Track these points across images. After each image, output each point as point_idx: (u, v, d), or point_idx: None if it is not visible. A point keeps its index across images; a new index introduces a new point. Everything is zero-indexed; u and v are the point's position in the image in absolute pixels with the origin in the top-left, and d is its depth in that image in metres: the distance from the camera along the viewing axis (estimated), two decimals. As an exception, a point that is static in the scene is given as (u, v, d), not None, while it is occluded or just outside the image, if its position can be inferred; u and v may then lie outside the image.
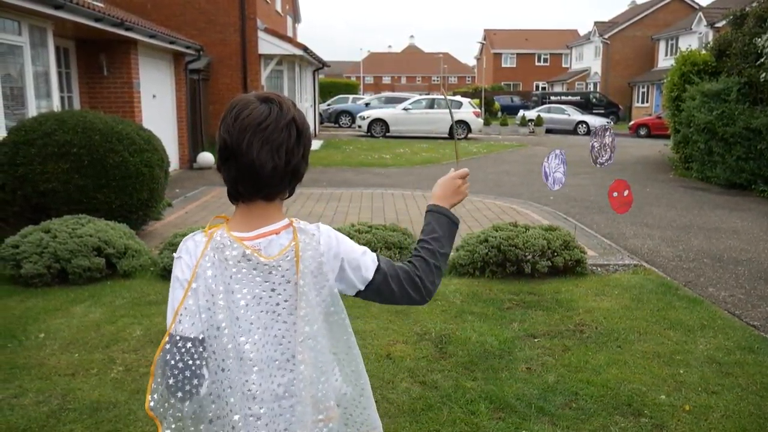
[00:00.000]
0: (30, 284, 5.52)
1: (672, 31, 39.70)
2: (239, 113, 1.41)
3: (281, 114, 1.42)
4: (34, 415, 3.37)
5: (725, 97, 13.05)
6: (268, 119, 1.41)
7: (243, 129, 1.40)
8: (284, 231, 1.47)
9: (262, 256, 1.42)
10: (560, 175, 5.86)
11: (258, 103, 1.43)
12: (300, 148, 1.45)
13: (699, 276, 6.50)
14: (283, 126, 1.41)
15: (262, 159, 1.39)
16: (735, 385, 3.85)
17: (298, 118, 1.45)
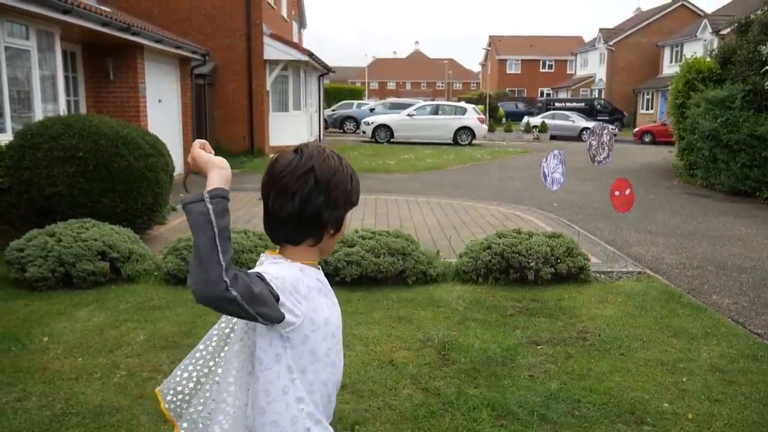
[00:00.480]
0: (34, 288, 5.54)
1: (677, 38, 39.69)
2: (272, 164, 1.52)
3: (300, 162, 1.48)
4: (37, 419, 3.38)
5: (730, 104, 13.05)
6: (287, 169, 1.48)
7: (267, 180, 1.51)
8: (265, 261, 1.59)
9: None
10: (559, 176, 5.86)
11: (288, 153, 1.51)
12: (318, 196, 1.47)
13: (703, 283, 6.48)
14: (300, 174, 1.47)
15: (276, 206, 1.48)
16: (738, 394, 3.83)
17: (319, 167, 1.48)
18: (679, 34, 40.08)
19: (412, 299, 5.49)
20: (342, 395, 3.70)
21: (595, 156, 6.01)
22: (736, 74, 13.52)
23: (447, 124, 25.41)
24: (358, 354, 4.30)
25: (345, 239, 6.03)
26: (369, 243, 5.93)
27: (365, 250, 5.84)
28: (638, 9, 53.76)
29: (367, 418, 3.46)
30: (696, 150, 14.28)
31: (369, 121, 26.34)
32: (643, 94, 42.22)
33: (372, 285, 5.76)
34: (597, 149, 5.70)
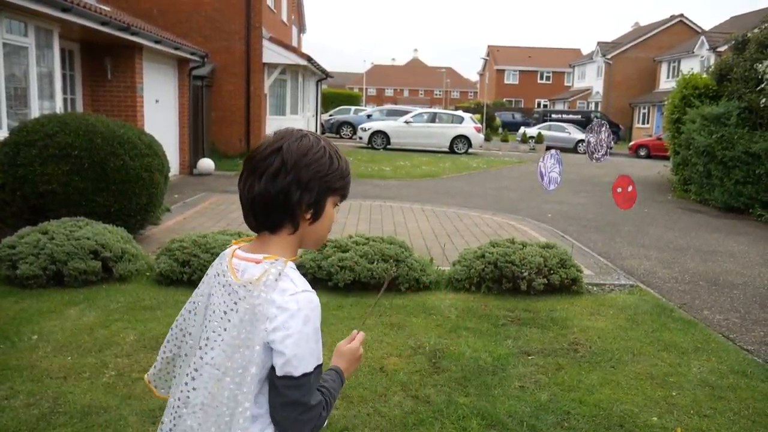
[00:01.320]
0: (25, 285, 5.51)
1: (674, 54, 39.95)
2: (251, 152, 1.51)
3: (270, 142, 1.46)
4: (24, 418, 3.36)
5: (725, 121, 13.13)
6: (258, 149, 1.47)
7: (244, 165, 1.50)
8: (263, 264, 1.44)
9: (235, 276, 1.45)
10: (556, 175, 5.87)
11: (266, 139, 1.50)
12: (286, 175, 1.41)
13: (694, 298, 6.50)
14: (267, 153, 1.44)
15: (245, 188, 1.46)
16: (727, 409, 3.84)
17: (287, 147, 1.42)
18: (677, 50, 40.34)
19: (404, 306, 5.49)
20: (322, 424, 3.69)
21: (594, 153, 6.02)
22: (732, 91, 13.60)
23: (444, 132, 25.47)
24: (349, 360, 4.29)
25: (339, 244, 6.03)
26: (363, 249, 5.92)
27: (359, 255, 5.83)
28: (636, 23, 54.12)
29: (356, 425, 3.45)
30: (691, 165, 14.35)
31: (366, 127, 26.36)
32: (640, 108, 42.44)
33: (365, 291, 5.75)
34: (595, 146, 5.72)
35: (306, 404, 1.39)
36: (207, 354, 1.45)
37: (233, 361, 1.39)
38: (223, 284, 1.46)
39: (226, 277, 1.46)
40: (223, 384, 1.40)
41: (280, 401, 1.38)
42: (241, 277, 1.45)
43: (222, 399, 1.40)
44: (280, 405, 1.39)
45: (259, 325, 1.37)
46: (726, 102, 13.56)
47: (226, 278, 1.46)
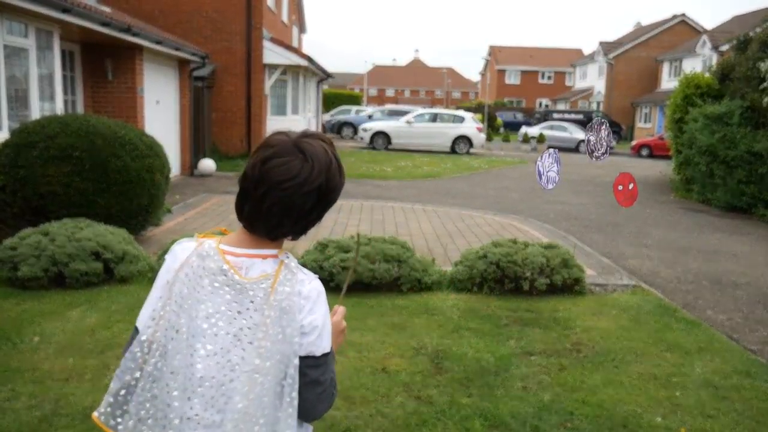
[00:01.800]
0: (26, 287, 5.50)
1: (676, 53, 39.89)
2: (269, 159, 1.38)
3: (309, 179, 1.38)
4: (26, 420, 3.35)
5: (727, 120, 13.10)
6: (293, 181, 1.37)
7: (262, 179, 1.38)
8: (271, 259, 1.44)
9: (239, 275, 1.41)
10: (554, 174, 5.84)
11: (293, 156, 1.37)
12: (316, 210, 1.43)
13: (697, 298, 6.48)
14: (305, 192, 1.38)
15: (271, 213, 1.39)
16: (731, 410, 3.82)
17: (325, 184, 1.40)
18: (679, 50, 40.28)
19: (406, 307, 5.47)
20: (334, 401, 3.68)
21: (593, 151, 5.99)
22: (735, 90, 13.58)
23: (445, 132, 25.44)
24: (351, 360, 4.28)
25: (340, 245, 6.01)
26: (365, 249, 5.91)
27: (361, 256, 5.82)
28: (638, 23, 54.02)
29: (358, 425, 3.44)
30: (693, 165, 14.32)
31: (367, 127, 26.34)
32: (642, 107, 42.38)
33: (366, 291, 5.74)
34: (595, 144, 5.70)
35: (324, 383, 1.46)
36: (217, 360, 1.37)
37: (270, 359, 1.37)
38: (226, 284, 1.39)
39: (228, 276, 1.40)
40: (262, 383, 1.36)
41: (301, 383, 1.42)
42: (246, 274, 1.41)
43: (263, 398, 1.36)
44: (302, 387, 1.42)
45: (292, 318, 1.39)
46: (728, 101, 13.53)
47: (228, 277, 1.39)
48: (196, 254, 1.42)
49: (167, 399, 1.36)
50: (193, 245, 1.45)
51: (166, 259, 1.48)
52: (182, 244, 1.48)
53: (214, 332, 1.38)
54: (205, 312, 1.39)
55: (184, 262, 1.42)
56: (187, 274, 1.40)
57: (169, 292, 1.40)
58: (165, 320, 1.38)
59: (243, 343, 1.38)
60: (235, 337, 1.38)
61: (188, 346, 1.37)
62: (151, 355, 1.38)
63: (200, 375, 1.37)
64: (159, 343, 1.38)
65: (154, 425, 1.37)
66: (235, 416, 1.35)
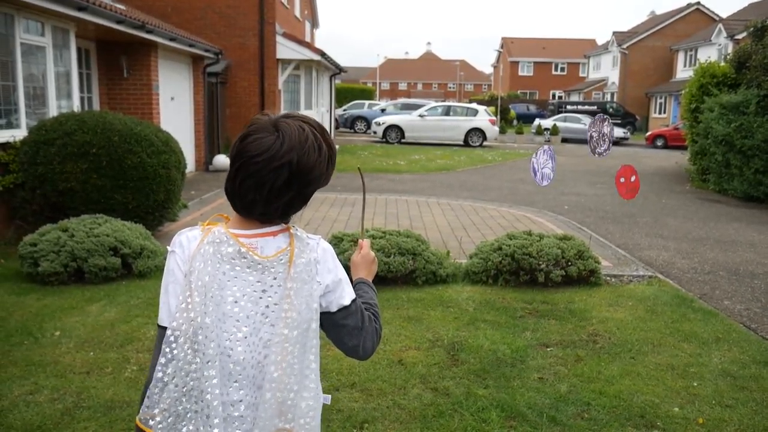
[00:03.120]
0: (47, 282, 5.58)
1: (691, 42, 39.45)
2: (246, 137, 1.42)
3: (279, 152, 1.38)
4: (48, 413, 3.41)
5: (744, 109, 12.96)
6: (262, 155, 1.38)
7: (238, 155, 1.42)
8: (281, 234, 1.49)
9: (257, 254, 1.44)
10: (549, 171, 5.83)
11: (267, 133, 1.40)
12: (290, 190, 1.42)
13: (714, 289, 6.44)
14: (275, 167, 1.38)
15: (243, 190, 1.42)
16: (750, 399, 3.81)
17: (298, 161, 1.39)
18: (694, 38, 39.84)
19: (421, 299, 5.49)
20: (351, 393, 3.72)
21: (596, 148, 5.96)
22: (751, 79, 13.42)
23: (458, 125, 25.38)
24: (368, 353, 4.30)
25: (355, 238, 6.04)
26: (379, 242, 5.93)
27: (375, 249, 5.84)
28: (652, 12, 53.48)
29: (375, 417, 3.46)
30: (709, 155, 14.19)
31: (380, 121, 26.34)
32: (656, 97, 42.00)
33: (382, 284, 5.76)
34: (598, 141, 5.67)
35: (363, 326, 1.56)
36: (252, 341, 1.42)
37: (297, 327, 1.43)
38: (247, 265, 1.43)
39: (248, 258, 1.43)
40: (291, 351, 1.43)
41: (343, 333, 1.55)
42: (262, 253, 1.45)
43: (294, 365, 1.43)
44: (345, 336, 1.55)
45: (311, 286, 1.46)
46: (745, 90, 13.38)
47: (248, 259, 1.43)
48: (207, 242, 1.43)
49: (207, 387, 1.37)
50: (200, 234, 1.47)
51: (173, 251, 1.48)
52: (186, 234, 1.50)
53: (245, 315, 1.43)
54: (232, 296, 1.42)
55: (195, 252, 1.43)
56: (203, 263, 1.41)
57: (188, 283, 1.41)
58: (189, 311, 1.39)
59: (272, 318, 1.44)
60: (263, 315, 1.43)
61: (221, 332, 1.41)
62: (179, 350, 1.39)
63: (241, 357, 1.42)
64: (186, 336, 1.38)
65: (194, 418, 1.38)
66: (272, 385, 1.41)
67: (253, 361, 1.43)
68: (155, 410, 1.42)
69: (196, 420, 1.39)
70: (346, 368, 4.03)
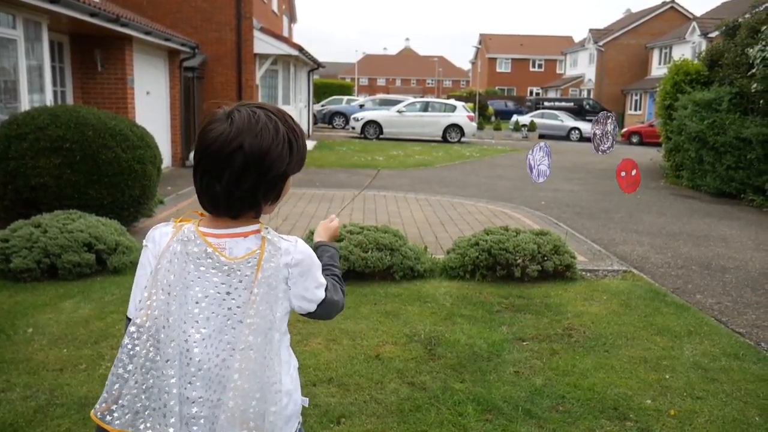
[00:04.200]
0: (19, 279, 5.50)
1: (666, 40, 39.95)
2: (201, 130, 1.41)
3: (228, 137, 1.36)
4: (21, 410, 3.36)
5: (717, 106, 13.16)
6: (214, 145, 1.37)
7: (197, 149, 1.41)
8: (253, 236, 1.46)
9: (225, 255, 1.42)
10: (545, 168, 5.88)
11: (221, 122, 1.39)
12: (249, 176, 1.37)
13: (687, 283, 6.55)
14: (227, 153, 1.36)
15: (204, 184, 1.41)
16: (720, 391, 3.88)
17: (249, 145, 1.35)
18: (668, 36, 40.34)
19: (399, 294, 5.51)
20: (328, 389, 3.72)
21: (599, 145, 6.01)
22: (724, 77, 13.64)
23: (436, 121, 25.45)
24: (345, 348, 4.31)
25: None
26: (357, 238, 5.93)
27: (353, 244, 5.84)
28: (628, 10, 54.06)
29: (353, 412, 3.47)
30: (683, 151, 14.40)
31: (358, 117, 26.32)
32: (632, 94, 42.48)
33: (359, 280, 5.77)
34: (601, 138, 5.71)
35: (334, 300, 1.63)
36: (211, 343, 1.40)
37: (261, 334, 1.41)
38: (212, 266, 1.41)
39: (214, 258, 1.41)
40: (255, 358, 1.40)
41: (316, 316, 1.61)
42: (231, 254, 1.43)
43: (256, 372, 1.40)
44: (319, 315, 1.61)
45: (278, 289, 1.44)
46: (717, 88, 13.60)
47: (213, 260, 1.41)
48: (176, 240, 1.42)
49: (165, 387, 1.36)
50: (171, 230, 1.45)
51: (146, 245, 1.48)
52: (160, 229, 1.49)
53: (205, 316, 1.40)
54: (195, 297, 1.41)
55: (164, 249, 1.42)
56: (170, 260, 1.40)
57: (154, 280, 1.40)
58: (154, 309, 1.38)
59: (233, 322, 1.41)
60: (226, 317, 1.41)
61: (181, 332, 1.39)
62: (141, 346, 1.38)
63: (198, 359, 1.40)
64: (149, 333, 1.38)
65: (152, 416, 1.37)
66: (235, 393, 1.38)
67: (212, 363, 1.40)
68: (113, 405, 1.39)
69: (153, 418, 1.37)
70: (323, 364, 4.03)
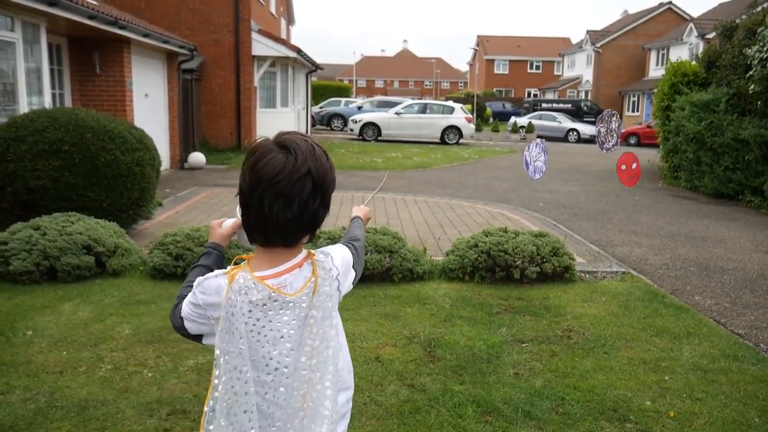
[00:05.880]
0: (18, 281, 5.49)
1: (663, 42, 40.03)
2: (255, 163, 1.42)
3: (296, 165, 1.41)
4: (21, 413, 3.36)
5: (714, 107, 13.19)
6: (282, 173, 1.40)
7: (256, 182, 1.41)
8: (306, 263, 1.52)
9: (286, 294, 1.47)
10: (541, 164, 5.89)
11: (275, 152, 1.42)
12: (316, 198, 1.44)
13: (685, 284, 6.56)
14: (296, 179, 1.40)
15: (274, 212, 1.41)
16: (719, 393, 3.89)
17: (315, 169, 1.43)
18: (666, 38, 40.43)
19: (398, 296, 5.51)
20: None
21: (604, 143, 6.01)
22: (721, 78, 13.67)
23: (434, 122, 25.46)
24: (345, 350, 4.31)
25: (332, 236, 6.04)
26: (356, 240, 5.92)
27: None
28: (625, 11, 54.15)
29: (352, 414, 3.45)
30: (680, 152, 14.42)
31: (356, 118, 26.31)
32: (629, 96, 42.55)
33: (359, 282, 5.75)
34: (606, 136, 5.71)
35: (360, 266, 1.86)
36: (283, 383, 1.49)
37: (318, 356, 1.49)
38: (280, 307, 1.46)
39: (279, 301, 1.46)
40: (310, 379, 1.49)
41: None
42: (290, 290, 1.48)
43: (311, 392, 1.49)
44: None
45: (333, 300, 1.55)
46: (715, 89, 13.63)
47: (278, 302, 1.46)
48: (233, 291, 1.44)
49: None
50: (224, 283, 1.46)
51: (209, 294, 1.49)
52: (218, 281, 1.48)
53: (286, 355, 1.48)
54: (270, 337, 1.47)
55: (224, 304, 1.44)
56: (234, 313, 1.43)
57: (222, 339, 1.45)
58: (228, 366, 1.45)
59: (296, 360, 1.49)
60: (291, 357, 1.49)
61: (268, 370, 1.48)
62: None
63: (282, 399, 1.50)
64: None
65: None
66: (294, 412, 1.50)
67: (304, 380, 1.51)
68: None
69: None
70: (323, 365, 4.03)
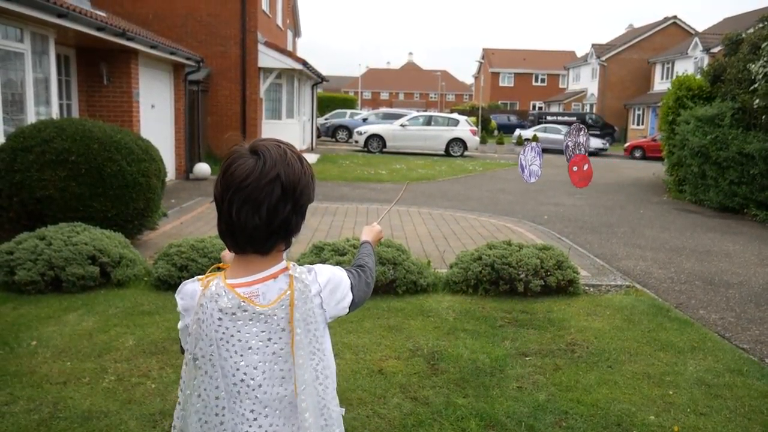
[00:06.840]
0: (23, 291, 5.51)
1: (668, 55, 40.11)
2: (227, 168, 1.42)
3: (264, 170, 1.39)
4: (24, 423, 3.37)
5: (719, 121, 13.19)
6: (250, 177, 1.39)
7: (226, 187, 1.41)
8: (282, 275, 1.48)
9: (258, 304, 1.44)
10: (536, 168, 5.90)
11: (246, 157, 1.41)
12: (287, 204, 1.41)
13: (690, 298, 6.54)
14: (264, 184, 1.38)
15: (241, 218, 1.39)
16: (723, 407, 3.87)
17: (285, 174, 1.40)
18: (671, 52, 40.51)
19: (402, 309, 5.51)
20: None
21: (572, 156, 6.03)
22: (726, 92, 13.67)
23: (439, 135, 25.52)
24: (348, 362, 4.31)
25: (336, 248, 6.05)
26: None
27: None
28: (630, 25, 54.31)
29: (355, 427, 3.47)
30: (685, 166, 14.41)
31: (361, 130, 26.41)
32: (635, 109, 42.57)
33: (362, 294, 5.76)
34: (573, 150, 5.75)
35: (364, 292, 1.74)
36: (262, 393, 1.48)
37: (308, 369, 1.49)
38: (249, 318, 1.44)
39: (248, 311, 1.44)
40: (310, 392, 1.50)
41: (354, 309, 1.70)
42: (264, 300, 1.45)
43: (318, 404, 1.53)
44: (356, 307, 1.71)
45: (317, 320, 1.51)
46: (720, 103, 13.63)
47: (248, 312, 1.44)
48: (205, 298, 1.44)
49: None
50: (198, 288, 1.47)
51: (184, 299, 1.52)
52: (193, 285, 1.50)
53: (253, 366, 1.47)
54: (239, 347, 1.46)
55: (196, 309, 1.45)
56: (204, 320, 1.43)
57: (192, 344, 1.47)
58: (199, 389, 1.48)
59: (284, 357, 1.49)
60: (273, 356, 1.48)
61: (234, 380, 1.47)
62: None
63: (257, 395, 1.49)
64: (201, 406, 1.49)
65: None
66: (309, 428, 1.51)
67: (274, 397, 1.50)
68: None
69: None
70: (326, 378, 4.03)
